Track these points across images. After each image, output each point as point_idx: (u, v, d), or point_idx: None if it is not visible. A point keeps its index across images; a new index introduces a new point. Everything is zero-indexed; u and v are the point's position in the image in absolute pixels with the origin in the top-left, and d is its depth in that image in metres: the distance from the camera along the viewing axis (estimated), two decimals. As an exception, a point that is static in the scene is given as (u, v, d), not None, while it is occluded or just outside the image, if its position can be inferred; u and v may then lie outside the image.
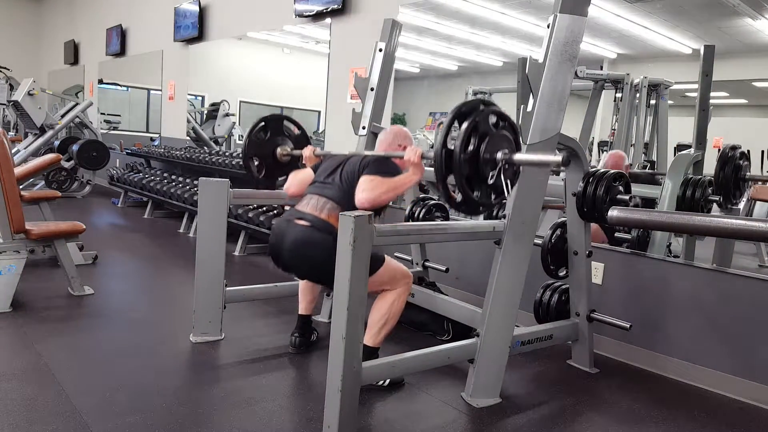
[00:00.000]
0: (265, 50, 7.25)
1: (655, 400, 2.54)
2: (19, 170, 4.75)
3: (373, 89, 3.29)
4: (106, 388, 2.24)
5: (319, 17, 5.08)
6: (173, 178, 6.49)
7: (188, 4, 7.10)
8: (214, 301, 2.78)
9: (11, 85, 8.40)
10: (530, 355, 2.80)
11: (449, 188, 1.92)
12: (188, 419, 2.05)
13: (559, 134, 2.30)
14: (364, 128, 3.30)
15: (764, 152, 3.19)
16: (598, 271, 3.05)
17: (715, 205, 2.99)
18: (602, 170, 2.54)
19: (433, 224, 2.90)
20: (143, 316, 3.20)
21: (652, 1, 3.90)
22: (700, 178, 3.00)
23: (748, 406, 2.52)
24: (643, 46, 4.20)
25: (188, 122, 7.64)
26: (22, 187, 4.37)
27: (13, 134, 9.18)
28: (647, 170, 4.03)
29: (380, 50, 3.29)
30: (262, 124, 2.91)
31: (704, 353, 2.71)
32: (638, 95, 4.02)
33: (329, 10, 4.89)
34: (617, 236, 3.32)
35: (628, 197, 2.54)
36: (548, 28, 2.25)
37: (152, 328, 3.02)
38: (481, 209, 2.03)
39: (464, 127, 1.87)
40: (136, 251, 4.89)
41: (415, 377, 2.51)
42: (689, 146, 3.23)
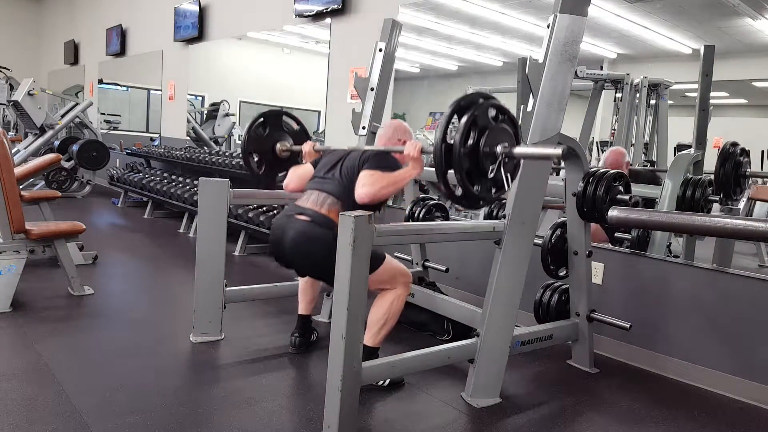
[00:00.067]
0: (265, 50, 7.25)
1: (655, 400, 2.54)
2: (19, 170, 4.75)
3: (373, 89, 3.30)
4: (106, 388, 2.24)
5: (319, 17, 5.09)
6: (173, 178, 6.49)
7: (188, 4, 7.11)
8: (214, 301, 2.78)
9: (11, 85, 8.40)
10: (530, 355, 2.80)
11: (449, 183, 1.91)
12: (188, 419, 2.05)
13: (559, 134, 2.30)
14: (364, 128, 3.30)
15: (764, 152, 3.20)
16: (598, 271, 3.05)
17: (715, 204, 2.99)
18: (602, 170, 2.54)
19: (433, 224, 2.90)
20: (143, 316, 3.20)
21: (652, 1, 3.90)
22: (700, 178, 3.00)
23: (748, 406, 2.52)
24: (643, 46, 4.20)
25: (188, 122, 7.64)
26: (22, 187, 4.37)
27: (13, 134, 9.18)
28: (648, 167, 4.03)
29: (380, 50, 3.29)
30: (261, 119, 2.88)
31: (704, 353, 2.71)
32: (638, 95, 4.02)
33: (329, 10, 4.89)
34: (617, 236, 3.32)
35: (628, 197, 2.54)
36: (548, 28, 2.25)
37: (152, 328, 3.02)
38: (481, 203, 2.03)
39: (463, 120, 1.85)
40: (136, 251, 4.89)
41: (415, 377, 2.51)
42: (689, 146, 3.23)
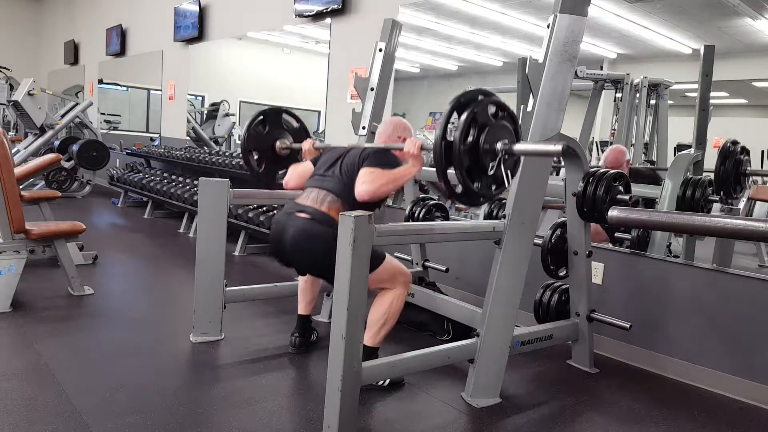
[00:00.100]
0: (265, 50, 7.24)
1: (655, 400, 2.54)
2: (19, 170, 4.74)
3: (373, 89, 3.30)
4: (106, 388, 2.24)
5: (319, 17, 5.09)
6: (173, 178, 6.49)
7: (188, 4, 7.11)
8: (214, 301, 2.78)
9: (11, 85, 8.39)
10: (530, 355, 2.80)
11: (449, 180, 1.90)
12: (188, 419, 2.05)
13: (559, 134, 2.30)
14: (364, 128, 3.30)
15: (764, 152, 3.20)
16: (598, 271, 3.05)
17: (715, 204, 2.99)
18: (602, 170, 2.54)
19: (433, 224, 2.89)
20: (143, 316, 3.20)
21: (652, 1, 3.90)
22: (700, 178, 3.01)
23: (748, 406, 2.52)
24: (643, 46, 4.20)
25: (188, 122, 7.64)
26: (22, 187, 4.37)
27: (13, 134, 9.18)
28: (648, 166, 4.03)
29: (380, 50, 3.29)
30: (260, 117, 2.88)
31: (704, 353, 2.71)
32: (638, 95, 4.02)
33: (329, 10, 4.89)
34: (617, 236, 3.32)
35: (628, 197, 2.54)
36: (548, 28, 2.25)
37: (152, 328, 3.02)
38: (481, 200, 2.03)
39: (463, 117, 1.85)
40: (136, 251, 4.89)
41: (415, 377, 2.51)
42: (689, 146, 3.23)
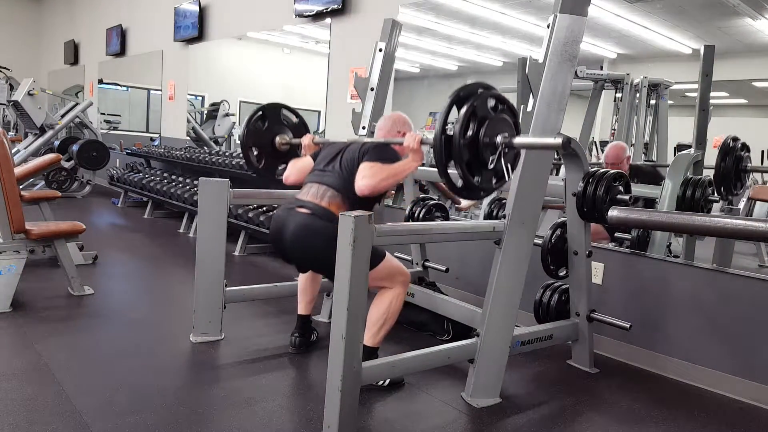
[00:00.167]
0: (265, 50, 7.24)
1: (655, 400, 2.53)
2: (19, 170, 4.75)
3: (373, 89, 3.29)
4: (106, 388, 2.24)
5: (319, 17, 5.09)
6: (173, 178, 6.49)
7: (188, 4, 7.11)
8: (214, 301, 2.78)
9: (11, 85, 8.40)
10: (530, 355, 2.79)
11: (449, 174, 1.90)
12: (188, 419, 2.05)
13: (559, 134, 2.30)
14: (364, 128, 3.30)
15: (764, 152, 3.20)
16: (598, 271, 3.05)
17: (715, 204, 2.99)
18: (602, 170, 2.54)
19: (433, 224, 2.90)
20: (143, 316, 3.20)
21: (652, 1, 3.90)
22: (700, 178, 3.00)
23: (748, 406, 2.52)
24: (643, 46, 4.20)
25: (188, 122, 7.64)
26: (22, 187, 4.37)
27: (13, 134, 9.18)
28: (649, 163, 4.03)
29: (380, 50, 3.29)
30: (260, 113, 2.86)
31: (704, 353, 2.71)
32: (638, 95, 4.02)
33: (329, 10, 4.89)
34: (618, 235, 3.32)
35: (628, 197, 2.53)
36: (548, 28, 2.26)
37: (152, 328, 3.02)
38: (482, 194, 2.02)
39: (463, 111, 1.84)
40: (136, 251, 4.89)
41: (415, 377, 2.51)
42: (689, 146, 3.23)
